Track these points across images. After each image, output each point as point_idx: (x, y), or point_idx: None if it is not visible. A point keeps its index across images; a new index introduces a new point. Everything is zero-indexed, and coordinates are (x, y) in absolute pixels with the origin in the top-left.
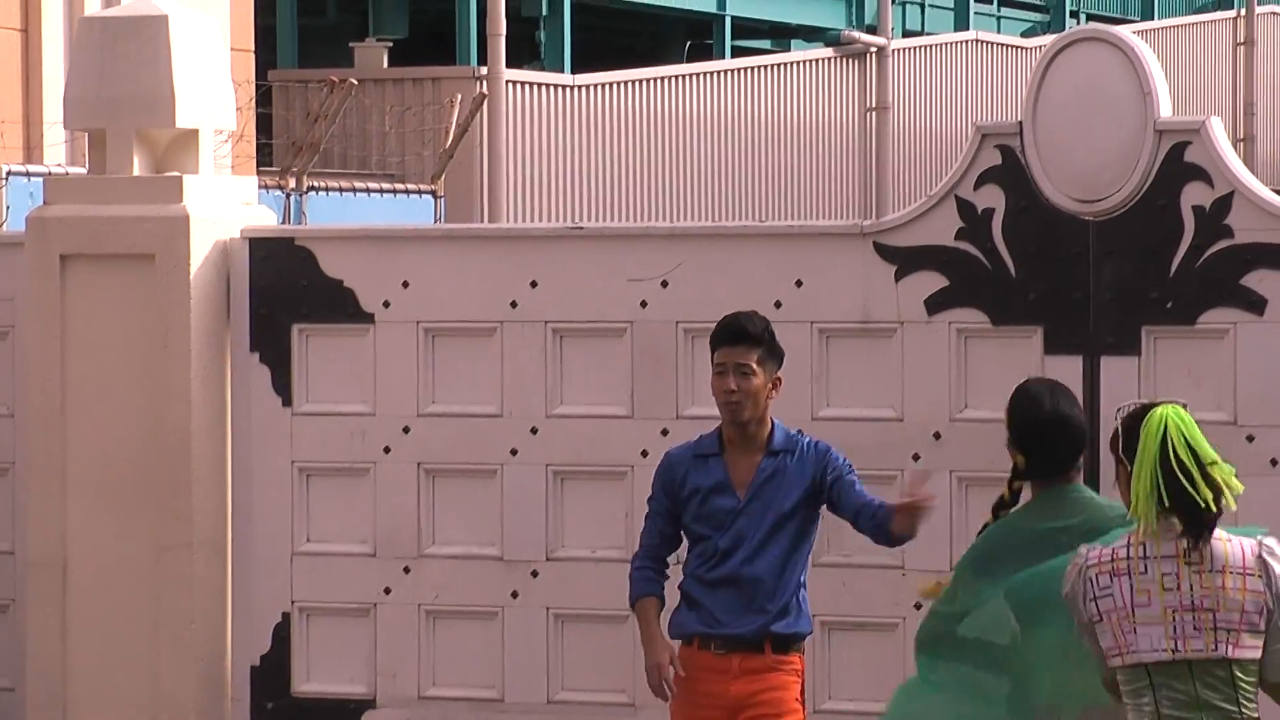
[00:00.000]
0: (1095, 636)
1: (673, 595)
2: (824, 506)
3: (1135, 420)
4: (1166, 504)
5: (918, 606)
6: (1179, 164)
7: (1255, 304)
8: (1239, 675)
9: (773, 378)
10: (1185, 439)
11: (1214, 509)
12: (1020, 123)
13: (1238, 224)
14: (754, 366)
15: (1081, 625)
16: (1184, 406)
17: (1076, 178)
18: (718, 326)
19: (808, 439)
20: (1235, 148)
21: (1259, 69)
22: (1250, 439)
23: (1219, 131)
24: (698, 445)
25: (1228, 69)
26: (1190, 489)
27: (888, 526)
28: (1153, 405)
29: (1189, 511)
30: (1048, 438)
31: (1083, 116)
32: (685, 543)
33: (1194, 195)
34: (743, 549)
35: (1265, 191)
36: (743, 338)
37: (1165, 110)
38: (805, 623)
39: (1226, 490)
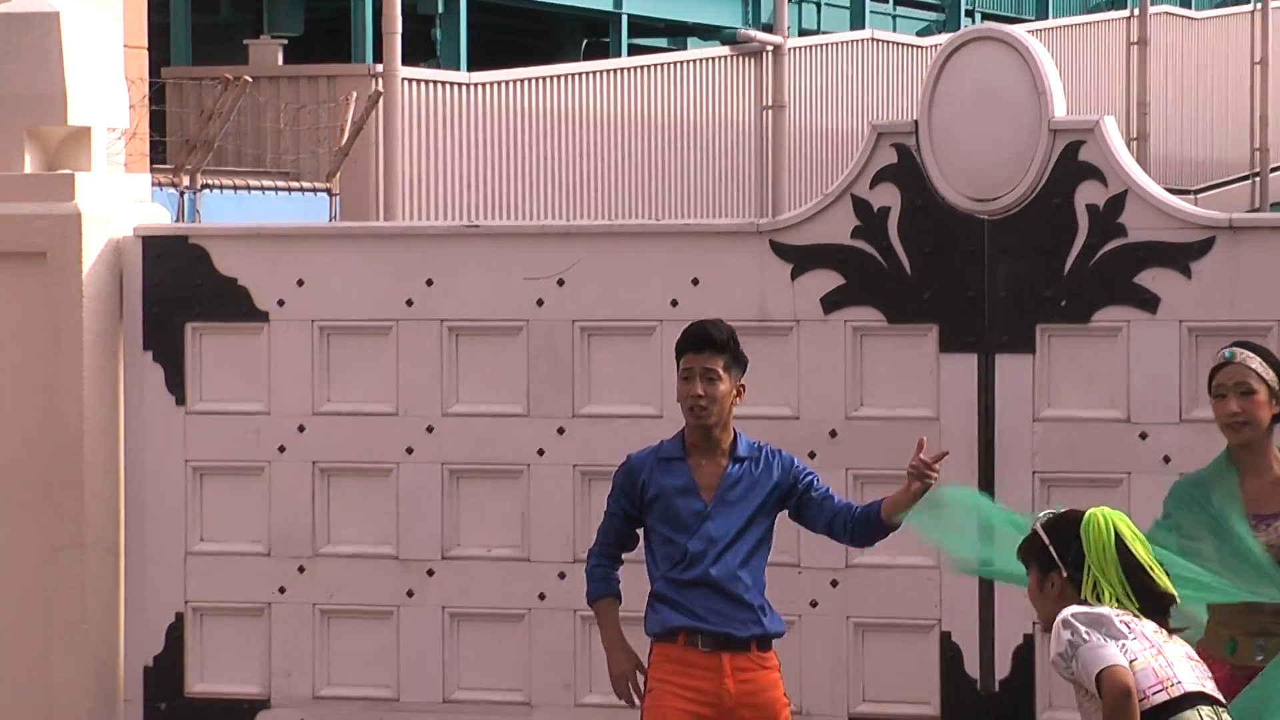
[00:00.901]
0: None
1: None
2: (784, 513)
3: (1066, 527)
4: (1135, 601)
5: (814, 605)
6: (1073, 163)
7: (1148, 302)
8: None
9: (737, 384)
10: (1134, 534)
11: (1177, 596)
12: (916, 122)
13: (1131, 223)
14: (720, 372)
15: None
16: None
17: (972, 176)
18: (684, 333)
19: (769, 447)
20: (1129, 146)
21: (1152, 68)
22: (1143, 436)
23: (1113, 130)
24: (660, 449)
25: (1121, 68)
26: (1153, 579)
27: (878, 517)
28: (1072, 512)
29: (1150, 598)
30: None
31: (978, 115)
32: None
33: (1088, 194)
34: (712, 552)
35: (1158, 190)
36: (709, 344)
37: (1060, 109)
38: (779, 622)
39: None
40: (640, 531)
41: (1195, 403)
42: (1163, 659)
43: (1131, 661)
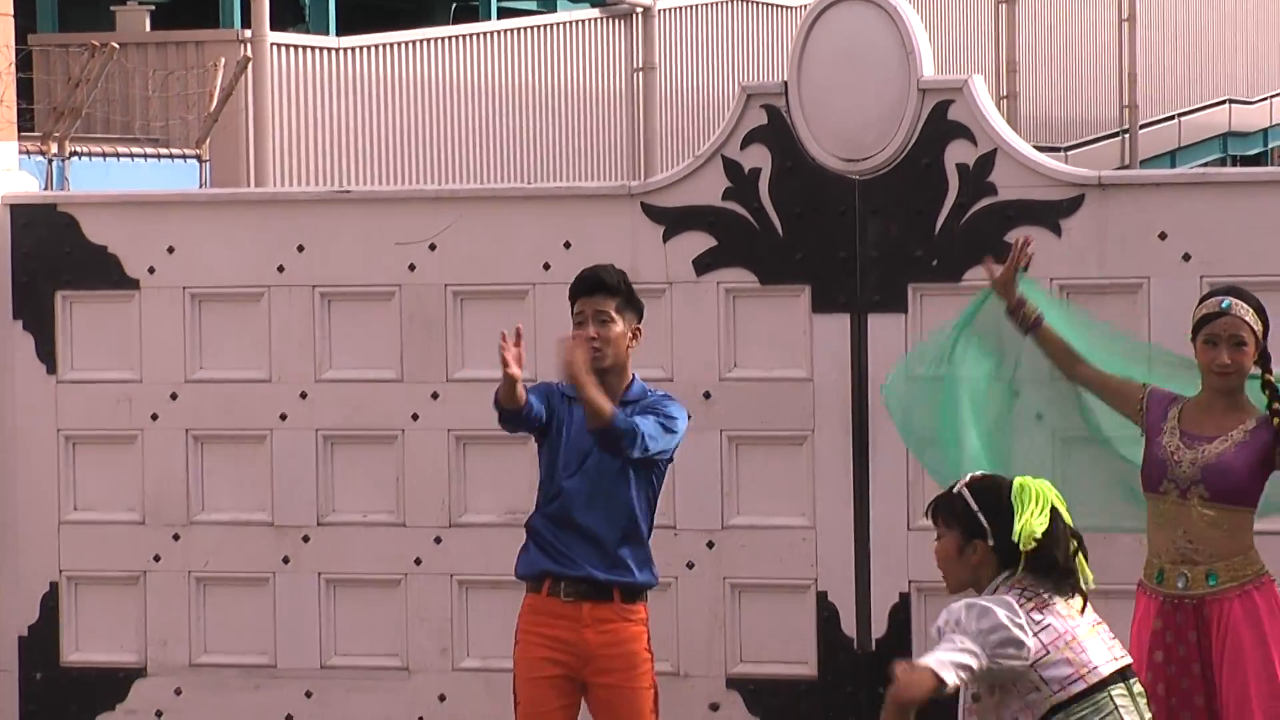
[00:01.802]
0: (1038, 676)
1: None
2: (671, 455)
3: (993, 492)
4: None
5: (690, 566)
6: (942, 122)
7: None
8: None
9: (633, 327)
10: (1064, 508)
11: (1091, 583)
12: (785, 82)
13: (1001, 181)
14: (612, 314)
15: (1013, 670)
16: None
17: (841, 137)
18: (576, 278)
19: (659, 393)
20: (999, 105)
21: (1021, 27)
22: (1016, 394)
23: (981, 90)
24: (565, 386)
25: (990, 27)
26: (1076, 561)
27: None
28: (996, 478)
29: (1069, 581)
30: None
31: (846, 76)
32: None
33: (957, 153)
34: (583, 495)
35: (1027, 149)
36: (600, 287)
37: (928, 69)
38: (651, 574)
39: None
40: (538, 426)
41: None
42: (1076, 645)
43: (1042, 657)
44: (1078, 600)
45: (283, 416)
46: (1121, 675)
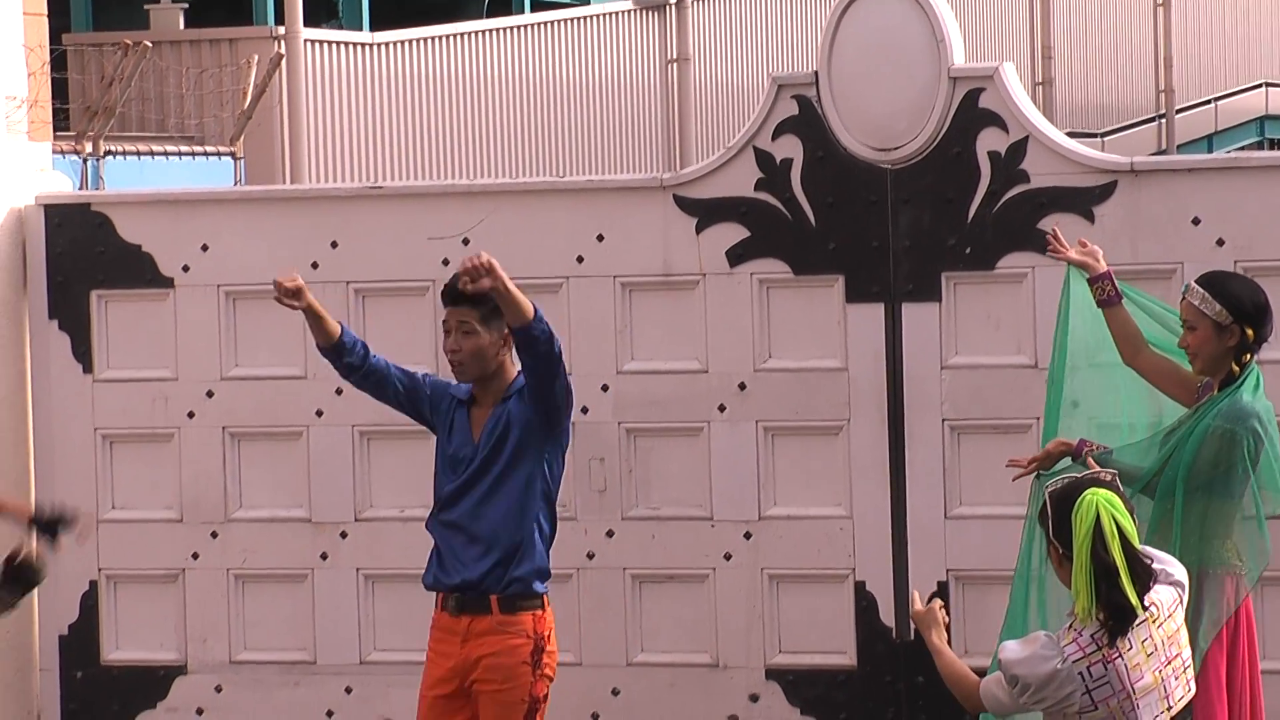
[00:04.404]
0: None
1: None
2: (562, 446)
3: (1065, 503)
4: (1097, 598)
5: (727, 558)
6: (973, 110)
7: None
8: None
9: (504, 334)
10: (1117, 528)
11: (1140, 609)
12: (816, 73)
13: (1033, 169)
14: (475, 325)
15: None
16: (1110, 484)
17: (873, 126)
18: (445, 286)
19: None
20: (1033, 92)
21: (1055, 13)
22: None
23: (1012, 77)
24: (459, 390)
25: (1024, 14)
26: (1120, 589)
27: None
28: (1079, 484)
29: (1114, 609)
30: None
31: (877, 65)
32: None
33: (989, 141)
34: (469, 498)
35: (1059, 136)
36: (461, 298)
37: (959, 57)
38: (536, 583)
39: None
40: (401, 400)
41: (1100, 347)
42: (1129, 704)
43: (1089, 711)
44: (1147, 632)
45: (319, 413)
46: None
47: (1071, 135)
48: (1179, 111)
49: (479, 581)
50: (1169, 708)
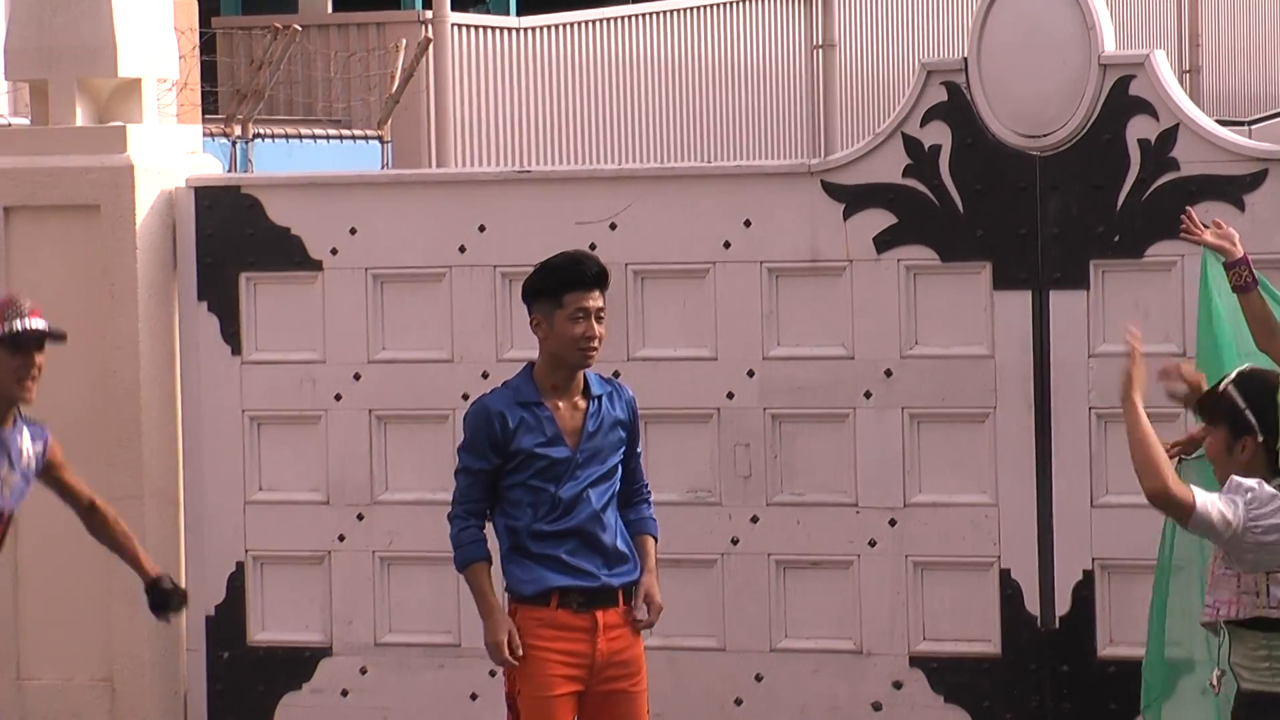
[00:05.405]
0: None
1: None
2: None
3: (1263, 388)
4: None
5: (872, 544)
6: (1124, 98)
7: None
8: None
9: None
10: None
11: None
12: (965, 59)
13: (1183, 156)
14: (603, 310)
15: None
16: None
17: (1022, 113)
18: (562, 268)
19: (615, 382)
20: (1181, 80)
21: (1203, 1)
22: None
23: (1163, 64)
24: (517, 393)
25: (1172, 1)
26: None
27: (629, 542)
28: (1261, 371)
29: None
30: None
31: (1027, 51)
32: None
33: (1139, 129)
34: (583, 499)
35: (1209, 123)
36: (600, 281)
37: (1109, 44)
38: (638, 568)
39: None
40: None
41: (1238, 332)
42: None
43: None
44: None
45: (465, 396)
46: None
47: (1218, 124)
48: None
49: (615, 585)
50: None
